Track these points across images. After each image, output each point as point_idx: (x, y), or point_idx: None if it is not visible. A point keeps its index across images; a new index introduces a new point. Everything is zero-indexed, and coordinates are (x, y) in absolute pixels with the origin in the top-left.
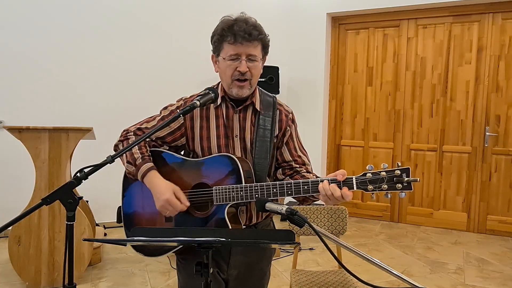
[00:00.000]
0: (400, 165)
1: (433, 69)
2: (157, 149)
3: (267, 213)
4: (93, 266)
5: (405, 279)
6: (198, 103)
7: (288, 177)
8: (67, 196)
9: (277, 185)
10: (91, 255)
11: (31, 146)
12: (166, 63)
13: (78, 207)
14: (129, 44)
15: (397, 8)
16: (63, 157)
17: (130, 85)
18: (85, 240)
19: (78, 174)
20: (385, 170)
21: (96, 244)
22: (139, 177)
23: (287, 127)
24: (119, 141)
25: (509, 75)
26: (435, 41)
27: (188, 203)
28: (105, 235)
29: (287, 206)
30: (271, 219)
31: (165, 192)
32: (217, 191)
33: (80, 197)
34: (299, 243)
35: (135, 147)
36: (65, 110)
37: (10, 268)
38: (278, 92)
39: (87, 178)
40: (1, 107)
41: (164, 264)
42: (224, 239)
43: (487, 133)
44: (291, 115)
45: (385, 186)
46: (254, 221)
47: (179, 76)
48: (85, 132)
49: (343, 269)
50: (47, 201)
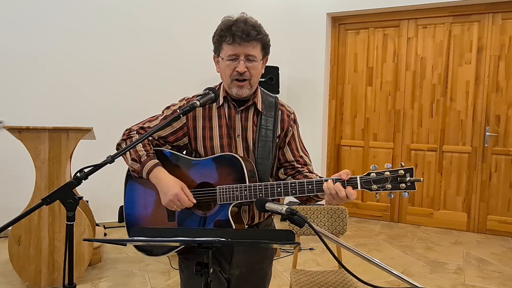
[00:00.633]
0: (403, 165)
1: (433, 69)
2: (160, 149)
3: (268, 213)
4: (93, 266)
5: (405, 279)
6: (198, 103)
7: (290, 177)
8: (67, 196)
9: (281, 184)
10: (91, 255)
11: (31, 146)
12: (166, 63)
13: (78, 207)
14: (129, 43)
15: (397, 8)
16: (63, 157)
17: (130, 85)
18: (85, 240)
19: (78, 174)
20: (389, 170)
21: (96, 244)
22: (144, 174)
23: (289, 127)
24: (122, 140)
25: (509, 75)
26: (435, 41)
27: (194, 201)
28: (105, 235)
29: (287, 206)
30: (272, 219)
31: (174, 186)
32: (221, 191)
33: (80, 197)
34: (299, 243)
35: (139, 145)
36: (65, 110)
37: (10, 268)
38: (278, 92)
39: (87, 178)
40: (1, 107)
41: (164, 264)
42: (224, 239)
43: (487, 133)
44: (292, 115)
45: (389, 185)
46: (256, 220)
47: (179, 76)
48: (85, 132)
49: (343, 269)
50: (47, 201)
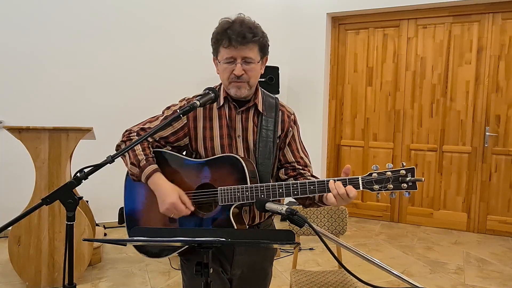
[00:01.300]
0: (405, 165)
1: (433, 69)
2: (160, 150)
3: (271, 213)
4: (93, 266)
5: (405, 279)
6: (198, 103)
7: (291, 178)
8: (67, 196)
9: (283, 185)
10: (91, 255)
11: (31, 146)
12: (166, 63)
13: (78, 207)
14: (130, 44)
15: (397, 8)
16: (63, 157)
17: (130, 85)
18: (85, 240)
19: (78, 174)
20: (391, 170)
21: (96, 244)
22: (143, 179)
23: (289, 128)
24: (122, 141)
25: (509, 75)
26: (435, 41)
27: (192, 208)
28: (105, 235)
29: (287, 206)
30: (273, 219)
31: (170, 195)
32: (222, 192)
33: (80, 197)
34: (299, 243)
35: (139, 148)
36: (65, 110)
37: (10, 268)
38: (278, 92)
39: (87, 178)
40: (1, 107)
41: (164, 264)
42: (224, 239)
43: (487, 133)
44: (293, 116)
45: (391, 186)
46: (257, 221)
47: (180, 76)
48: (85, 132)
49: (343, 269)
50: (47, 201)
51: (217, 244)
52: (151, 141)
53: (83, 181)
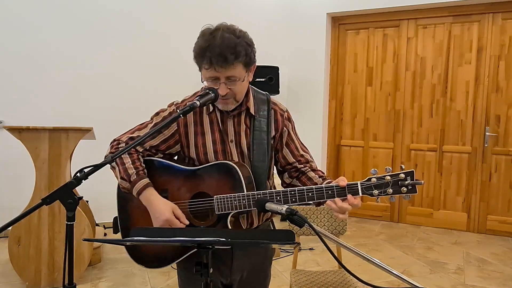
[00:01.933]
0: (404, 168)
1: (433, 69)
2: (152, 158)
3: (267, 215)
4: (93, 266)
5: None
6: (198, 103)
7: (295, 179)
8: (67, 196)
9: (280, 192)
10: (91, 255)
11: (31, 146)
12: (165, 64)
13: (78, 207)
14: (129, 45)
15: (397, 8)
16: (63, 157)
17: (130, 85)
18: (85, 240)
19: (78, 174)
20: (390, 174)
21: (96, 244)
22: (135, 194)
23: (284, 127)
24: (110, 153)
25: (509, 75)
26: (435, 41)
27: (187, 221)
28: (105, 235)
29: (287, 206)
30: (271, 221)
31: (164, 212)
32: (219, 201)
33: (80, 197)
34: (299, 243)
35: (129, 161)
36: (65, 110)
37: (10, 268)
38: (278, 92)
39: (87, 178)
40: (1, 107)
41: None
42: (224, 239)
43: (487, 133)
44: (286, 113)
45: (390, 190)
46: (255, 225)
47: (178, 77)
48: (85, 132)
49: (343, 269)
50: (47, 201)
51: (217, 244)
52: (141, 151)
53: (83, 181)
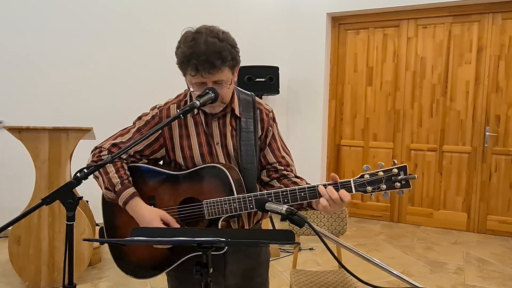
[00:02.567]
0: (396, 163)
1: (433, 69)
2: (138, 165)
3: (257, 217)
4: (93, 266)
5: (405, 279)
6: (198, 103)
7: (275, 180)
8: (67, 196)
9: (271, 194)
10: (91, 255)
11: (31, 146)
12: (165, 64)
13: (78, 207)
14: (129, 45)
15: (397, 8)
16: (63, 157)
17: (130, 85)
18: (85, 240)
19: (78, 174)
20: (383, 170)
21: (96, 244)
22: (121, 204)
23: (269, 127)
24: (92, 161)
25: (509, 75)
26: (435, 41)
27: (177, 226)
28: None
29: (287, 206)
30: (261, 223)
31: (151, 221)
32: (208, 205)
33: (80, 197)
34: (299, 243)
35: (112, 170)
36: (65, 110)
37: (10, 268)
38: (278, 92)
39: (87, 178)
40: (1, 107)
41: None
42: (224, 239)
43: (487, 133)
44: (271, 114)
45: (384, 186)
46: (245, 228)
47: (178, 77)
48: (85, 132)
49: (343, 269)
50: (47, 201)
51: (217, 244)
52: (124, 157)
53: (83, 181)
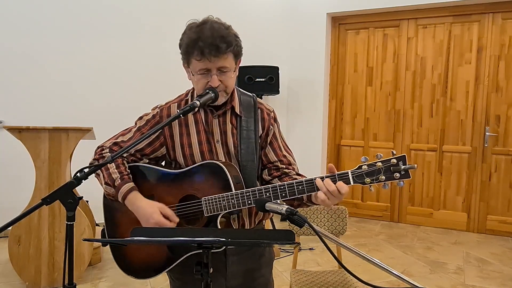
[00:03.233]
0: (395, 153)
1: (433, 69)
2: (137, 164)
3: (258, 216)
4: (93, 266)
5: (405, 279)
6: (198, 102)
7: (276, 178)
8: (67, 196)
9: (269, 188)
10: (91, 255)
11: (31, 146)
12: (166, 64)
13: (78, 207)
14: (129, 44)
15: (397, 8)
16: (63, 157)
17: (130, 85)
18: (85, 240)
19: (78, 174)
20: (381, 160)
21: (96, 244)
22: (120, 199)
23: (270, 126)
24: (94, 159)
25: (509, 75)
26: (435, 41)
27: (177, 219)
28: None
29: (287, 206)
30: (264, 224)
31: (152, 214)
32: (207, 202)
33: (80, 197)
34: (299, 243)
35: (113, 166)
36: (65, 110)
37: (10, 268)
38: (278, 92)
39: (87, 178)
40: (1, 107)
41: None
42: (224, 239)
43: (487, 133)
44: (272, 113)
45: (383, 177)
46: (246, 227)
47: (178, 76)
48: (85, 132)
49: (343, 269)
50: (47, 201)
51: (217, 244)
52: (125, 156)
53: (83, 181)
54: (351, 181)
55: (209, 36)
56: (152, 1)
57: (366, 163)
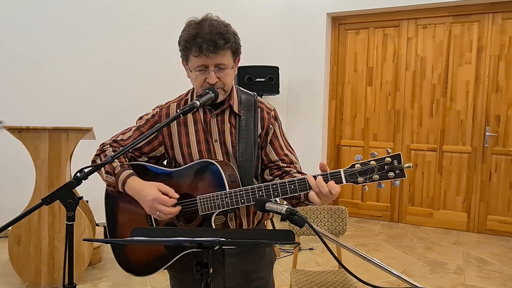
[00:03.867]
0: (390, 151)
1: (433, 69)
2: (136, 163)
3: (257, 216)
4: (93, 266)
5: (405, 279)
6: (198, 103)
7: (277, 177)
8: (67, 196)
9: (262, 187)
10: (91, 255)
11: (31, 146)
12: (166, 63)
13: (78, 207)
14: (130, 43)
15: (397, 8)
16: (63, 157)
17: (130, 85)
18: (85, 240)
19: (78, 174)
20: (375, 159)
21: (96, 244)
22: (120, 185)
23: (270, 125)
24: (96, 155)
25: (509, 75)
26: (435, 41)
27: (176, 195)
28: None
29: (287, 206)
30: (265, 224)
31: (149, 191)
32: (201, 200)
33: (80, 197)
34: (299, 243)
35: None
36: (65, 110)
37: (10, 268)
38: (278, 92)
39: (87, 178)
40: (1, 107)
41: None
42: (224, 239)
43: (487, 133)
44: (273, 112)
45: (376, 176)
46: (244, 227)
47: (179, 76)
48: (85, 132)
49: (343, 269)
50: (47, 201)
51: (217, 244)
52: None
53: (83, 181)
54: (344, 180)
55: (208, 32)
56: (152, 1)
57: (359, 162)
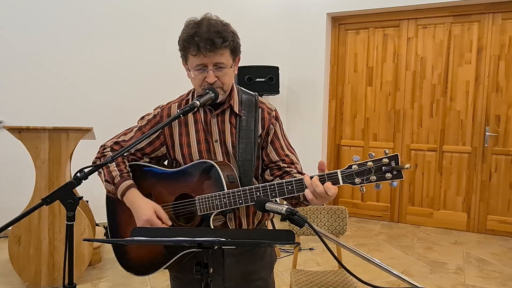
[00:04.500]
0: (387, 152)
1: (433, 69)
2: (136, 163)
3: (257, 217)
4: (93, 266)
5: (405, 279)
6: (198, 103)
7: (277, 178)
8: (67, 196)
9: (260, 188)
10: (91, 255)
11: (31, 146)
12: (167, 63)
13: (78, 207)
14: (130, 43)
15: (397, 8)
16: (63, 157)
17: (130, 85)
18: (85, 240)
19: (78, 174)
20: (372, 160)
21: (96, 244)
22: (119, 195)
23: (270, 125)
24: (96, 158)
25: (509, 75)
26: (435, 41)
27: (169, 222)
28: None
29: (287, 206)
30: (266, 225)
31: (145, 211)
32: (200, 201)
33: (80, 197)
34: (299, 243)
35: (113, 164)
36: (65, 110)
37: (10, 268)
38: (278, 92)
39: (87, 178)
40: (1, 107)
41: None
42: (224, 239)
43: (487, 133)
44: (274, 112)
45: (374, 177)
46: (244, 227)
47: (180, 76)
48: (85, 132)
49: (343, 269)
50: (47, 201)
51: (217, 244)
52: (126, 154)
53: (83, 181)
54: (341, 181)
55: (206, 31)
56: (152, 1)
57: (356, 163)
